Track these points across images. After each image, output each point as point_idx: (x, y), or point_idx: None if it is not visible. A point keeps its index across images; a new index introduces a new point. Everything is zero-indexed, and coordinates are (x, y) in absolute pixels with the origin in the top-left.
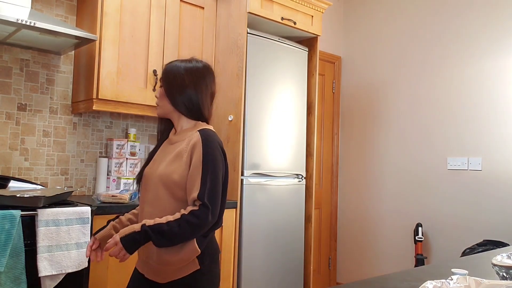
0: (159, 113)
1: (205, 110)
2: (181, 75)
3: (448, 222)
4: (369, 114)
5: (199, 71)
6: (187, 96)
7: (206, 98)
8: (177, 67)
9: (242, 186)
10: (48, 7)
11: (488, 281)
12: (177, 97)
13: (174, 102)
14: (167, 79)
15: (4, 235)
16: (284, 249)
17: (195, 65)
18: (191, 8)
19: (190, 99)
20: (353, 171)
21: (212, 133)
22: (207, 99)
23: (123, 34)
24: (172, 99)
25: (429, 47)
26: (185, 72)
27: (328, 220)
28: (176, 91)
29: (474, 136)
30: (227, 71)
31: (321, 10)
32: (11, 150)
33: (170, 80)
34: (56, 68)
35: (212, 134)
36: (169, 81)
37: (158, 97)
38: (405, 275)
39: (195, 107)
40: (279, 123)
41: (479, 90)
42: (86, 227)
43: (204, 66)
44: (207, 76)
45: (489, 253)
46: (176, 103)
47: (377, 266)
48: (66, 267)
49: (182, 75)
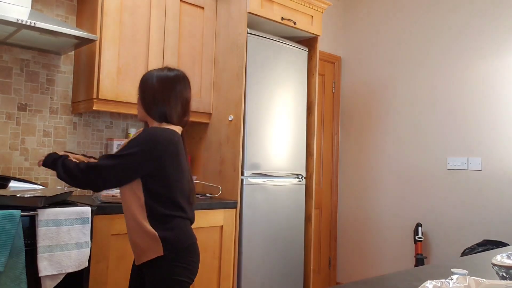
0: (138, 117)
1: (173, 115)
2: (152, 84)
3: (448, 222)
4: (369, 114)
5: (169, 80)
6: (157, 104)
7: (176, 105)
8: (151, 76)
9: (242, 186)
10: (48, 7)
11: (488, 281)
12: (149, 105)
13: (146, 109)
14: (141, 88)
15: (4, 235)
16: (284, 249)
17: (166, 74)
18: (191, 8)
19: (160, 106)
20: (353, 171)
21: (157, 130)
22: (176, 105)
23: (123, 34)
24: (145, 106)
25: (429, 47)
26: (156, 82)
27: (328, 220)
28: (148, 100)
29: (474, 136)
30: (227, 71)
31: (321, 10)
32: (11, 150)
33: (143, 89)
34: (56, 68)
35: (157, 131)
36: (142, 90)
37: (137, 103)
38: (405, 275)
39: (163, 114)
40: (279, 123)
41: (479, 90)
42: (86, 227)
43: (176, 75)
44: (178, 84)
45: (489, 253)
46: (148, 110)
47: (377, 266)
48: (66, 267)
49: (154, 84)
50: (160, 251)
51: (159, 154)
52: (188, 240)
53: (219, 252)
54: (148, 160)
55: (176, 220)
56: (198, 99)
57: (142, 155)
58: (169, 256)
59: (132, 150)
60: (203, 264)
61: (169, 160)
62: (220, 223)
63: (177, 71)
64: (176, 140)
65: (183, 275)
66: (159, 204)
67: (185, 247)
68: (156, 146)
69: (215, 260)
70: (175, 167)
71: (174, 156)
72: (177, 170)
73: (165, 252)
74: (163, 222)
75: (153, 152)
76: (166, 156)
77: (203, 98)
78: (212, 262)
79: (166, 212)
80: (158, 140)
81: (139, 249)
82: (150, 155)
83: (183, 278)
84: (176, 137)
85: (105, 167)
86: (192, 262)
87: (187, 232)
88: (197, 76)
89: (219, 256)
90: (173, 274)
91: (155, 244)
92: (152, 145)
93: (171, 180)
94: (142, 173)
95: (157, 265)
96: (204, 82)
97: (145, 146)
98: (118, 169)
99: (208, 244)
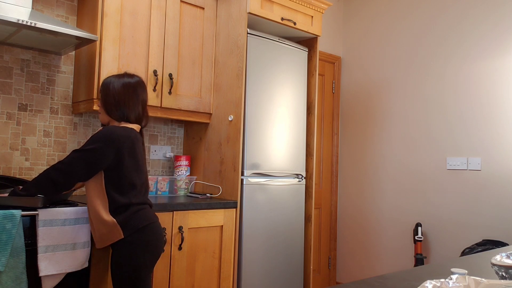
0: (100, 120)
1: (132, 116)
2: (114, 89)
3: (447, 222)
4: (369, 114)
5: (131, 85)
6: (119, 107)
7: (136, 107)
8: (112, 82)
9: (242, 186)
10: (48, 8)
11: (487, 281)
12: (111, 109)
13: (108, 112)
14: (104, 92)
15: (5, 235)
16: (284, 248)
17: (128, 80)
18: (191, 8)
19: (121, 109)
20: (353, 171)
21: (114, 128)
22: (136, 108)
23: (123, 35)
24: (107, 110)
25: (429, 47)
26: (118, 87)
27: (328, 220)
28: (110, 103)
29: (474, 136)
30: (227, 71)
31: (321, 11)
32: (12, 150)
33: (106, 94)
34: (57, 68)
35: (113, 128)
36: (104, 94)
37: (99, 107)
38: (405, 275)
39: (124, 115)
40: (279, 123)
41: (479, 90)
42: (86, 227)
43: (137, 81)
44: (138, 89)
45: (489, 253)
46: (110, 113)
47: (376, 266)
48: (67, 267)
49: (116, 89)
50: (120, 235)
51: (117, 148)
52: (145, 221)
53: (219, 252)
54: (107, 153)
55: (134, 206)
56: (198, 99)
57: (101, 149)
58: (128, 239)
59: (92, 146)
60: (203, 264)
61: (127, 153)
62: (220, 223)
63: (137, 77)
64: (132, 136)
65: (142, 255)
66: (118, 194)
67: (142, 228)
68: (114, 141)
69: (215, 260)
70: (131, 159)
71: (130, 149)
72: (133, 163)
73: (125, 234)
74: (122, 210)
75: (111, 146)
76: (123, 150)
77: (203, 98)
78: (212, 262)
79: (125, 201)
80: (115, 136)
81: (102, 234)
82: (108, 149)
83: (142, 257)
84: (132, 133)
85: (72, 160)
86: (150, 241)
87: (144, 214)
88: (197, 76)
89: (219, 256)
90: (133, 254)
91: (115, 229)
92: (110, 140)
93: (129, 170)
94: (103, 165)
95: (117, 247)
96: (204, 82)
97: (104, 141)
98: (82, 161)
99: (208, 244)
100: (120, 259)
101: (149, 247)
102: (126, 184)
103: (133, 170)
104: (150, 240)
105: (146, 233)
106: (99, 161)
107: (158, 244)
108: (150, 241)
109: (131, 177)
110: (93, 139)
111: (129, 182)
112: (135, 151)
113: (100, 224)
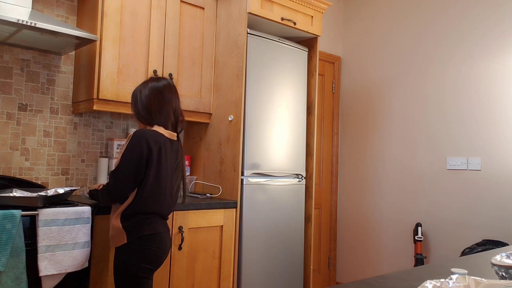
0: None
1: (161, 119)
2: (141, 93)
3: (447, 221)
4: (369, 114)
5: (158, 89)
6: (146, 111)
7: (165, 111)
8: (139, 90)
9: (242, 186)
10: (48, 8)
11: (487, 281)
12: (139, 113)
13: (138, 116)
14: (132, 103)
15: (5, 235)
16: (284, 249)
17: (155, 84)
18: (191, 8)
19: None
20: (353, 171)
21: (144, 130)
22: (165, 111)
23: (123, 34)
24: (137, 114)
25: (429, 47)
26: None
27: (328, 220)
28: (137, 108)
29: (474, 136)
30: (227, 71)
31: (321, 11)
32: (12, 150)
33: (134, 103)
34: (57, 68)
35: (144, 130)
36: (133, 104)
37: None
38: (405, 275)
39: (153, 120)
40: (279, 123)
41: (479, 90)
42: (86, 227)
43: (164, 85)
44: (166, 92)
45: (489, 253)
46: (139, 117)
47: (376, 266)
48: (67, 267)
49: (143, 92)
50: (124, 239)
51: (148, 148)
52: (149, 230)
53: (219, 252)
54: (142, 147)
55: (142, 215)
56: (198, 99)
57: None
58: (130, 244)
59: (129, 153)
60: (203, 264)
61: (154, 158)
62: (220, 223)
63: (164, 80)
64: (160, 141)
65: (141, 262)
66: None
67: (145, 236)
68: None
69: (215, 260)
70: (155, 166)
71: (158, 155)
72: (156, 170)
73: (128, 240)
74: (130, 217)
75: (143, 142)
76: (152, 154)
77: (203, 98)
78: (212, 262)
79: (134, 209)
80: (146, 136)
81: (111, 236)
82: (141, 147)
83: (141, 264)
84: (161, 138)
85: (116, 172)
86: (149, 249)
87: (150, 224)
88: (197, 76)
89: (219, 256)
90: (132, 259)
91: (121, 234)
92: (142, 138)
93: (149, 178)
94: (143, 168)
95: (119, 250)
96: (204, 82)
97: (136, 140)
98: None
99: (208, 244)
100: (120, 262)
101: (148, 255)
102: (143, 191)
103: (153, 177)
104: (151, 249)
105: (148, 242)
106: (139, 167)
107: (158, 254)
108: (151, 250)
109: (150, 185)
110: (127, 144)
111: (147, 190)
112: (161, 157)
113: (111, 226)
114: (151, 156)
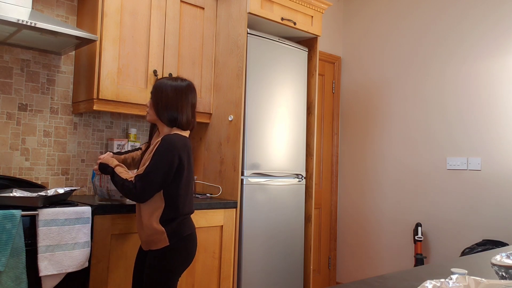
0: (148, 119)
1: (183, 120)
2: (167, 92)
3: (447, 221)
4: (369, 114)
5: (182, 89)
6: (169, 110)
7: (186, 111)
8: (165, 85)
9: (242, 186)
10: (48, 8)
11: (487, 281)
12: (161, 111)
13: (158, 114)
14: (155, 94)
15: (5, 235)
16: (284, 248)
17: (179, 84)
18: (191, 8)
19: (171, 113)
20: (353, 171)
21: (173, 137)
22: (187, 111)
23: (123, 35)
24: (157, 111)
25: (429, 47)
26: (170, 90)
27: (328, 220)
28: (161, 106)
29: (474, 136)
30: (227, 71)
31: (321, 11)
32: (11, 150)
33: (158, 96)
34: (57, 68)
35: (173, 137)
36: (156, 96)
37: (148, 106)
38: (405, 275)
39: (174, 119)
40: (279, 123)
41: (479, 90)
42: (86, 227)
43: (188, 84)
44: (189, 93)
45: (489, 253)
46: (160, 114)
47: (376, 266)
48: (67, 267)
49: (168, 92)
50: (166, 242)
51: (179, 157)
52: (189, 230)
53: (219, 252)
54: (172, 162)
55: (182, 216)
56: (198, 99)
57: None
58: (171, 246)
59: (162, 160)
60: (203, 264)
61: (186, 163)
62: (220, 223)
63: (188, 81)
64: (188, 145)
65: (180, 261)
66: (172, 203)
67: (185, 236)
68: (177, 149)
69: (215, 260)
70: (188, 169)
71: (188, 159)
72: (188, 172)
73: (170, 242)
74: (172, 220)
75: (175, 153)
76: (183, 159)
77: (203, 98)
78: (212, 262)
79: (176, 211)
80: (176, 145)
81: (149, 239)
82: (173, 157)
83: (178, 264)
84: (188, 142)
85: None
86: (189, 249)
87: (188, 223)
88: (197, 76)
89: (219, 256)
90: (170, 260)
91: (162, 237)
92: (174, 148)
93: (186, 181)
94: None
95: (159, 252)
96: (204, 82)
97: (170, 154)
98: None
99: (208, 244)
100: (157, 262)
101: (187, 254)
102: (181, 194)
103: (185, 180)
104: (189, 247)
105: (187, 241)
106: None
107: (194, 251)
108: (189, 249)
109: (186, 187)
110: (158, 151)
111: (184, 192)
112: (190, 163)
113: (149, 230)
114: (181, 164)
